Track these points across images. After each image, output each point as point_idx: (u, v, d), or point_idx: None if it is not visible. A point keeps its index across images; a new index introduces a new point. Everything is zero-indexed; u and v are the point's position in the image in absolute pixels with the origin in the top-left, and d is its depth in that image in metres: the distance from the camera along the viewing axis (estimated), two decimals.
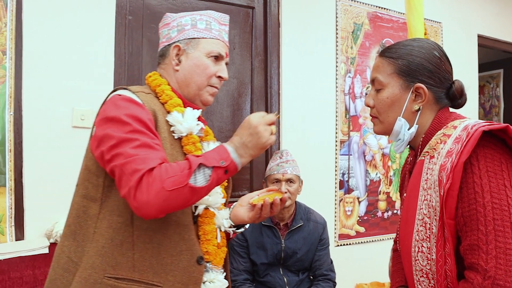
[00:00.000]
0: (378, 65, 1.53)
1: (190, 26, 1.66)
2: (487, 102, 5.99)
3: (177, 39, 1.66)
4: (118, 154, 1.36)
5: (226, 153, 1.44)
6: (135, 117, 1.43)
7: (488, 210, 1.22)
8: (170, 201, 1.33)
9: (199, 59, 1.64)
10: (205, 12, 1.72)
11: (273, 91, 3.44)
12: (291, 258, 2.89)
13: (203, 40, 1.65)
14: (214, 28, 1.68)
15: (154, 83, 1.65)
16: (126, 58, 2.90)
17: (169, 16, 1.73)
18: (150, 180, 1.32)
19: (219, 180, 1.42)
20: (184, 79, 1.65)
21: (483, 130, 1.27)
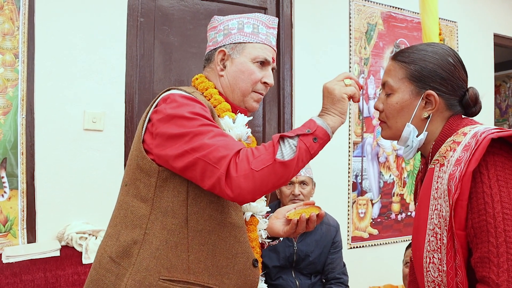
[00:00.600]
0: (390, 68, 1.49)
1: (236, 30, 1.62)
2: (503, 102, 5.91)
3: (223, 43, 1.63)
4: (196, 147, 1.33)
5: (311, 122, 1.39)
6: (199, 114, 1.39)
7: (499, 221, 1.17)
8: (263, 182, 1.29)
9: (244, 65, 1.60)
10: (253, 15, 1.67)
11: (285, 92, 3.41)
12: (303, 261, 2.87)
13: (249, 45, 1.62)
14: (261, 32, 1.64)
15: (201, 86, 1.63)
16: (138, 61, 2.90)
17: (217, 19, 1.69)
18: (239, 165, 1.29)
19: (309, 149, 1.35)
20: (229, 84, 1.62)
21: (492, 137, 1.22)
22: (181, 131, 1.35)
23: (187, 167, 1.34)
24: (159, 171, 1.43)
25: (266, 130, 3.35)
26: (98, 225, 2.69)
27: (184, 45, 3.07)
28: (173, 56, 3.03)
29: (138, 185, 1.47)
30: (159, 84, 2.97)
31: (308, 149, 1.34)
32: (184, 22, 3.07)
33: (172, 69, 3.02)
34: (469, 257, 1.26)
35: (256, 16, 1.66)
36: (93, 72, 2.77)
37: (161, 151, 1.39)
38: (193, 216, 1.44)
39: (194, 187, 1.44)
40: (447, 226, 1.26)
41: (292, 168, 1.32)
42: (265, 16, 1.67)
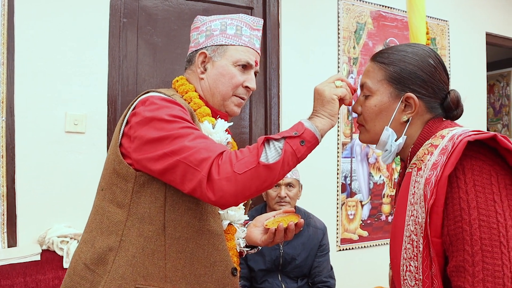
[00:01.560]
0: (368, 69, 1.44)
1: (219, 32, 1.58)
2: (497, 102, 5.87)
3: (205, 45, 1.59)
4: (177, 149, 1.29)
5: (299, 124, 1.36)
6: (179, 116, 1.36)
7: (475, 229, 1.12)
8: (246, 185, 1.26)
9: (225, 68, 1.56)
10: (238, 16, 1.63)
11: (272, 93, 3.37)
12: (289, 264, 2.84)
13: (231, 48, 1.58)
14: (244, 34, 1.60)
15: (181, 89, 1.59)
16: (121, 62, 2.85)
17: (199, 20, 1.65)
18: (221, 167, 1.26)
19: (296, 152, 1.31)
20: (209, 88, 1.58)
21: (468, 140, 1.17)
22: (160, 134, 1.31)
23: (167, 170, 1.30)
24: (136, 176, 1.39)
25: (252, 131, 3.31)
26: (80, 229, 2.63)
27: (168, 45, 3.03)
28: (157, 57, 2.99)
29: (114, 190, 1.43)
30: (143, 85, 2.93)
31: (294, 152, 1.31)
32: (169, 23, 3.03)
33: (156, 70, 2.98)
34: (446, 266, 1.21)
35: (240, 17, 1.62)
36: (75, 73, 2.73)
37: (140, 155, 1.35)
38: (170, 223, 1.41)
39: (172, 193, 1.41)
40: (423, 233, 1.21)
41: (277, 172, 1.29)
42: (249, 17, 1.63)
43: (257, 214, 2.90)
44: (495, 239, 1.10)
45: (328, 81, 1.44)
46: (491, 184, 1.16)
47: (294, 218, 1.65)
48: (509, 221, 1.12)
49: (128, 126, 1.42)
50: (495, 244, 1.09)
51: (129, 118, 1.43)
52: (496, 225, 1.11)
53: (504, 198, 1.15)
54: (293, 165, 1.33)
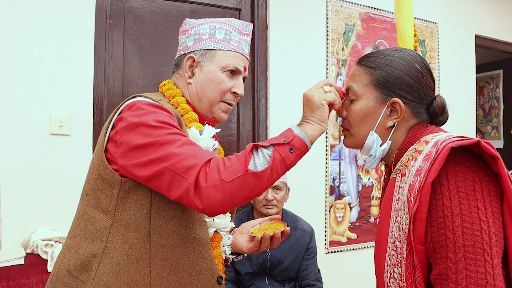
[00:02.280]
0: (354, 73, 1.43)
1: (208, 36, 1.56)
2: (487, 103, 5.89)
3: (193, 49, 1.57)
4: (164, 156, 1.27)
5: (288, 131, 1.34)
6: (166, 122, 1.34)
7: (458, 236, 1.10)
8: (234, 193, 1.24)
9: (213, 73, 1.54)
10: (227, 20, 1.60)
11: (260, 95, 3.36)
12: (276, 268, 2.83)
13: (220, 53, 1.55)
14: (233, 39, 1.57)
15: (168, 93, 1.57)
16: (107, 63, 2.83)
17: (188, 23, 1.63)
18: (209, 174, 1.24)
19: (285, 160, 1.29)
20: (196, 93, 1.56)
21: (452, 146, 1.16)
22: (147, 140, 1.29)
23: (153, 176, 1.28)
24: (122, 182, 1.37)
25: (240, 133, 3.30)
26: (65, 232, 2.60)
27: (155, 47, 3.01)
28: (144, 58, 2.97)
29: (99, 195, 1.41)
30: (129, 87, 2.91)
31: (283, 160, 1.29)
32: (155, 24, 3.01)
33: (143, 72, 2.96)
34: (430, 273, 1.19)
35: (230, 21, 1.60)
36: (60, 75, 2.70)
37: (125, 161, 1.33)
38: (156, 230, 1.38)
39: (158, 200, 1.39)
40: (407, 239, 1.20)
41: (266, 179, 1.27)
42: (239, 22, 1.61)
43: (244, 217, 2.90)
44: (479, 246, 1.09)
45: (317, 86, 1.42)
46: (475, 190, 1.15)
47: (280, 225, 1.63)
48: (493, 228, 1.11)
49: (114, 131, 1.39)
50: (479, 251, 1.09)
51: (115, 122, 1.40)
52: (479, 232, 1.10)
53: (487, 204, 1.14)
54: (282, 173, 1.31)
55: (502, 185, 1.16)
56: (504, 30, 5.01)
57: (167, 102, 1.51)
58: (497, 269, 1.08)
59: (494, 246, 1.10)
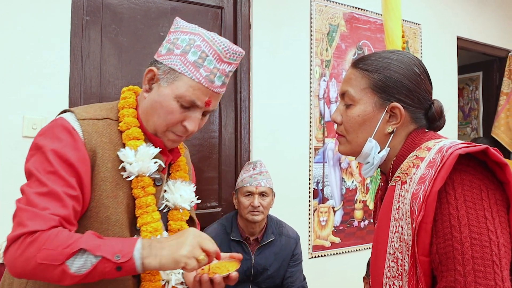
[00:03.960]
0: (350, 77, 1.36)
1: (180, 51, 1.35)
2: (466, 105, 5.90)
3: (161, 60, 1.38)
4: (24, 191, 1.23)
5: (130, 247, 1.18)
6: (61, 156, 1.25)
7: (467, 247, 1.05)
8: (38, 273, 1.15)
9: (165, 99, 1.34)
10: (213, 38, 1.36)
11: (243, 96, 3.26)
12: (261, 275, 2.75)
13: (183, 78, 1.33)
14: (205, 66, 1.33)
15: (121, 103, 1.43)
16: (83, 62, 2.69)
17: (175, 24, 1.44)
18: (28, 243, 1.14)
19: (105, 274, 1.16)
20: (146, 112, 1.40)
21: (460, 153, 1.10)
22: (30, 166, 1.26)
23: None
24: None
25: (222, 136, 3.19)
26: None
27: (134, 45, 2.88)
28: (122, 57, 2.84)
29: None
30: (107, 87, 2.78)
31: (103, 274, 1.16)
32: (135, 21, 2.88)
33: (121, 71, 2.83)
34: (433, 286, 1.13)
35: (215, 41, 1.36)
36: (34, 74, 2.55)
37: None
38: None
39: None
40: (409, 251, 1.14)
41: (75, 281, 1.15)
42: (225, 45, 1.36)
43: (227, 223, 2.80)
44: (488, 258, 1.04)
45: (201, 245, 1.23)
46: (482, 199, 1.10)
47: (232, 266, 1.41)
48: (501, 238, 1.06)
49: None
50: (488, 263, 1.03)
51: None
52: (488, 243, 1.05)
53: (495, 214, 1.09)
54: (98, 279, 1.19)
55: (511, 192, 1.11)
56: (485, 32, 5.06)
57: (96, 121, 1.36)
58: (506, 281, 1.03)
59: (503, 258, 1.05)
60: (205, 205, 3.11)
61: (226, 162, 3.21)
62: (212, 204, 3.16)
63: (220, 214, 3.13)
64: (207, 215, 3.06)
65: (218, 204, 3.18)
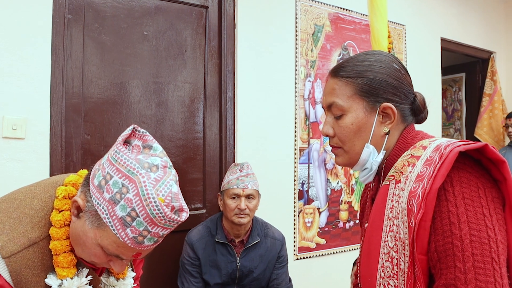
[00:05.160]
0: (333, 87, 1.34)
1: (109, 197, 1.13)
2: (450, 106, 5.94)
3: (91, 192, 1.17)
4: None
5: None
6: None
7: (466, 244, 1.05)
8: None
9: (89, 241, 1.18)
10: (148, 195, 1.11)
11: (227, 96, 3.22)
12: (247, 277, 2.72)
13: (108, 230, 1.14)
14: (134, 226, 1.12)
15: (54, 220, 1.23)
16: (65, 61, 2.63)
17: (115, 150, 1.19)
18: None
19: None
20: (72, 238, 1.23)
21: (460, 150, 1.10)
22: None
23: None
24: None
25: (206, 136, 3.15)
26: None
27: (117, 45, 2.83)
28: (105, 57, 2.79)
29: None
30: (89, 87, 2.72)
31: None
32: (118, 20, 2.83)
33: (104, 71, 2.78)
34: (430, 284, 1.13)
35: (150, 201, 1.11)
36: (13, 73, 2.49)
37: None
38: None
39: None
40: (406, 250, 1.13)
41: None
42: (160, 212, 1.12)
43: (212, 225, 2.77)
44: (487, 255, 1.04)
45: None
46: (479, 197, 1.10)
47: None
48: (499, 236, 1.07)
49: None
50: (487, 260, 1.04)
51: None
52: (487, 240, 1.05)
53: (492, 211, 1.09)
54: None
55: (507, 190, 1.12)
56: (468, 34, 5.11)
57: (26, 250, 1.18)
58: (505, 278, 1.04)
59: (501, 255, 1.06)
60: (189, 207, 3.07)
61: (211, 163, 3.17)
62: (196, 205, 3.12)
63: (205, 216, 3.09)
64: (192, 217, 3.01)
65: (202, 206, 3.14)
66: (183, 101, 3.07)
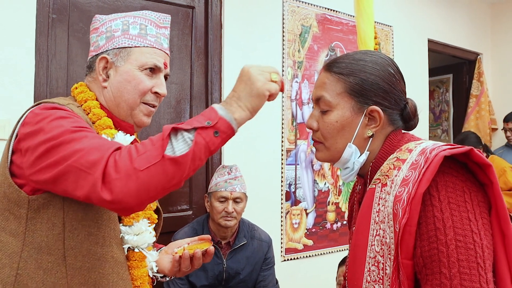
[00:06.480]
0: (324, 81, 1.32)
1: (120, 32, 1.40)
2: (437, 107, 5.96)
3: (105, 48, 1.41)
4: (68, 154, 1.12)
5: (212, 111, 1.16)
6: (71, 118, 1.22)
7: (452, 250, 1.04)
8: (150, 183, 1.08)
9: (130, 74, 1.39)
10: (141, 13, 1.45)
11: (214, 97, 3.21)
12: (233, 279, 2.70)
13: (136, 50, 1.40)
14: (150, 33, 1.42)
15: (80, 97, 1.41)
16: (49, 62, 2.60)
17: (98, 19, 1.46)
18: (119, 163, 1.07)
19: (209, 145, 1.13)
20: (113, 98, 1.41)
21: (445, 155, 1.08)
22: (52, 142, 1.15)
23: (58, 177, 1.13)
24: (30, 200, 1.21)
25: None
26: None
27: None
28: None
29: (7, 216, 1.24)
30: None
31: (207, 145, 1.12)
32: None
33: None
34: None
35: (144, 14, 1.46)
36: None
37: (33, 168, 1.17)
38: (71, 252, 1.24)
39: (71, 218, 1.24)
40: (391, 254, 1.12)
41: (186, 166, 1.11)
42: (155, 14, 1.47)
43: (199, 227, 2.75)
44: (473, 260, 1.03)
45: (264, 70, 1.25)
46: (465, 201, 1.09)
47: (207, 245, 1.52)
48: (484, 240, 1.06)
49: (17, 139, 1.24)
50: (473, 266, 1.02)
51: (19, 129, 1.25)
52: (473, 245, 1.04)
53: (478, 216, 1.08)
54: (205, 159, 1.16)
55: (493, 194, 1.11)
56: (455, 35, 5.14)
57: (77, 107, 1.37)
58: (491, 284, 1.03)
59: (487, 260, 1.04)
60: (176, 208, 3.05)
61: None
62: (183, 207, 3.10)
63: (191, 217, 3.07)
64: (178, 219, 3.00)
65: (189, 207, 3.12)
66: (169, 102, 3.05)
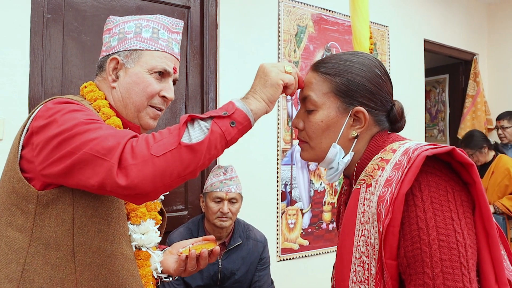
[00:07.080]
0: (311, 81, 1.32)
1: (133, 35, 1.43)
2: (433, 107, 5.97)
3: (117, 49, 1.43)
4: (81, 144, 1.13)
5: (229, 104, 1.22)
6: (82, 111, 1.23)
7: (435, 249, 1.04)
8: (166, 170, 1.10)
9: (139, 76, 1.41)
10: (154, 16, 1.47)
11: (209, 97, 3.21)
12: (228, 280, 2.70)
13: (147, 53, 1.42)
14: (162, 38, 1.45)
15: (89, 96, 1.43)
16: (44, 61, 2.60)
17: (112, 20, 1.49)
18: (135, 150, 1.09)
19: (225, 134, 1.16)
20: (121, 98, 1.43)
21: (427, 155, 1.08)
22: (65, 134, 1.15)
23: (73, 166, 1.13)
24: (39, 195, 1.21)
25: None
26: None
27: (98, 45, 2.78)
28: (85, 57, 2.76)
29: (14, 211, 1.24)
30: (69, 87, 2.69)
31: (223, 134, 1.15)
32: (98, 20, 2.80)
33: (85, 71, 2.75)
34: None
35: (158, 18, 1.48)
36: None
37: (44, 162, 1.17)
38: (80, 248, 1.24)
39: (80, 214, 1.24)
40: (376, 255, 1.12)
41: (202, 154, 1.13)
42: (168, 19, 1.49)
43: (194, 227, 2.74)
44: (456, 260, 1.03)
45: (278, 63, 1.30)
46: (448, 201, 1.09)
47: (212, 245, 1.54)
48: (468, 240, 1.06)
49: (29, 133, 1.25)
50: (456, 265, 1.03)
51: (31, 123, 1.25)
52: (455, 245, 1.04)
53: (461, 215, 1.08)
54: (221, 149, 1.18)
55: (476, 193, 1.10)
56: (451, 35, 5.15)
57: (88, 104, 1.40)
58: (474, 283, 1.03)
59: (470, 259, 1.04)
60: (171, 209, 3.05)
61: None
62: (178, 207, 3.10)
63: (187, 217, 3.07)
64: (173, 219, 2.99)
65: (184, 208, 3.12)
66: None
